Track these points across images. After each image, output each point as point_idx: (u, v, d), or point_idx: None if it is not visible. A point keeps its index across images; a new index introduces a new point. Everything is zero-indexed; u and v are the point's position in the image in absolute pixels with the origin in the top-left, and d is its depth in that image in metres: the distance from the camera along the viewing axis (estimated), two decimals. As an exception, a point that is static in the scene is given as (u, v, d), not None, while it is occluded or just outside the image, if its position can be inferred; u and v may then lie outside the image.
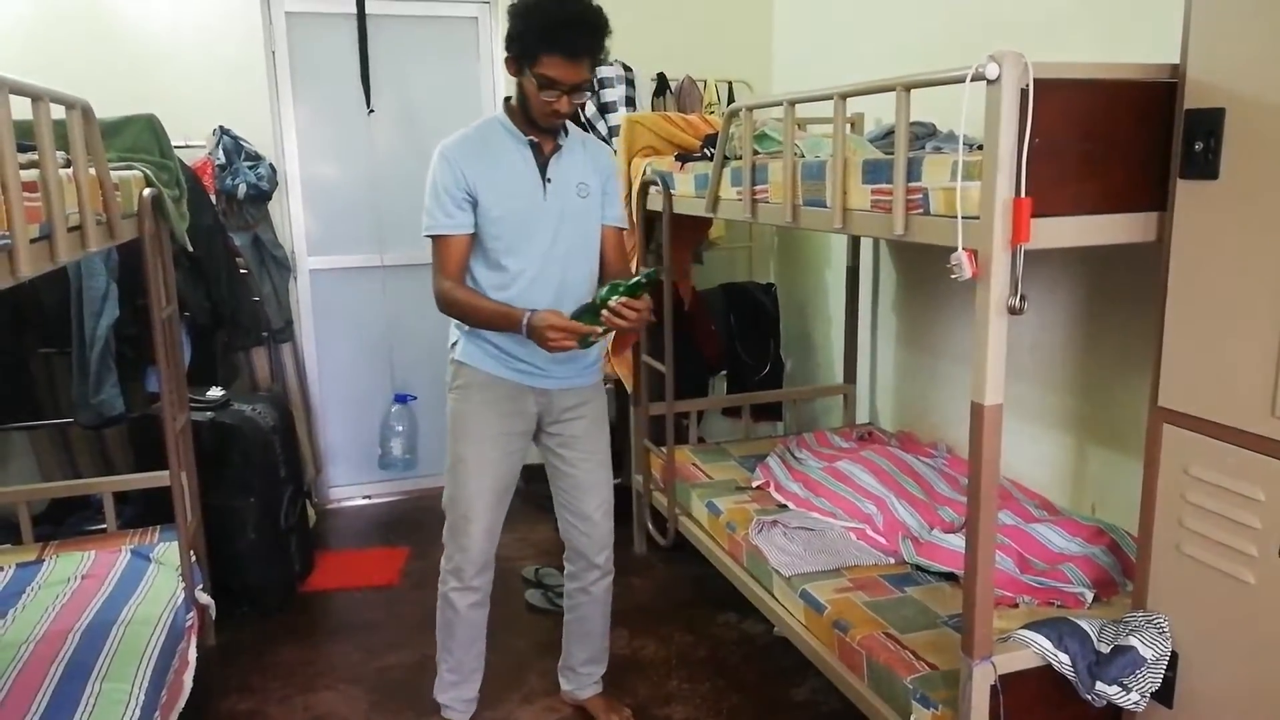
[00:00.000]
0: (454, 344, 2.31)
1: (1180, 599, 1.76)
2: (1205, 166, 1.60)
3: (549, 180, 2.18)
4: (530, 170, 2.17)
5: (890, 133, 2.56)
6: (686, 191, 2.95)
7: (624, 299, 1.98)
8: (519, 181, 2.16)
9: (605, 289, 2.02)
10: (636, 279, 2.02)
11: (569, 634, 2.53)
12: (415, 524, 3.88)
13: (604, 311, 1.99)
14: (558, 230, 2.19)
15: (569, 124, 2.23)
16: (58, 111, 1.75)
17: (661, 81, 3.94)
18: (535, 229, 2.17)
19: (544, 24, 2.00)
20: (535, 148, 2.18)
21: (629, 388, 3.46)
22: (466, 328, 2.25)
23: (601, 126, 3.67)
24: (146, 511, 3.06)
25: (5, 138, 1.41)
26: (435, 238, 2.16)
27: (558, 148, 2.20)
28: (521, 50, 2.04)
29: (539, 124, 2.14)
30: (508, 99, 2.21)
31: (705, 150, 2.98)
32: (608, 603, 2.50)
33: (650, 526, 3.46)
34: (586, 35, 2.02)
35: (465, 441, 2.27)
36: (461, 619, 2.35)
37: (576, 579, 2.45)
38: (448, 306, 2.17)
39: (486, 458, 2.27)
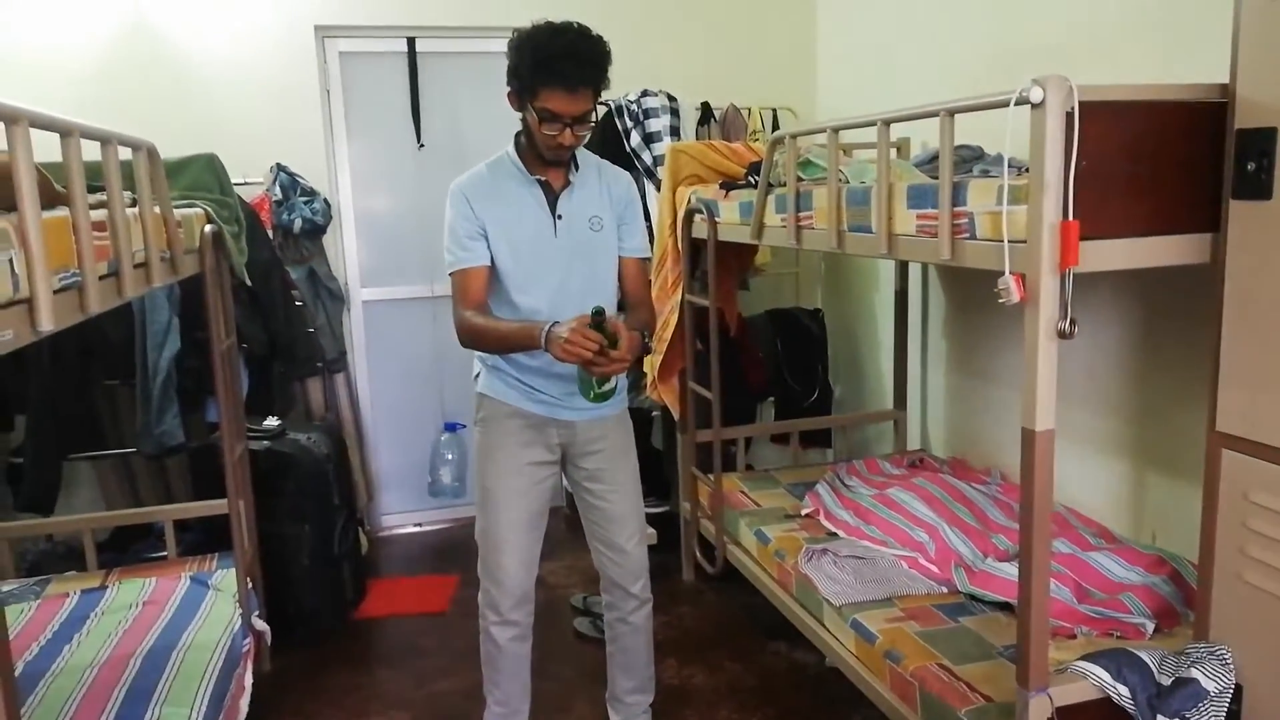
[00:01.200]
0: (476, 376, 2.33)
1: (1244, 629, 1.71)
2: (1258, 187, 1.57)
3: (560, 217, 2.18)
4: (541, 208, 2.18)
5: (936, 156, 2.55)
6: (732, 219, 2.96)
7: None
8: (529, 221, 2.17)
9: None
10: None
11: (613, 664, 2.52)
12: (465, 552, 3.88)
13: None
14: (569, 267, 2.19)
15: (583, 153, 2.23)
16: (124, 152, 1.82)
17: (706, 110, 3.98)
18: (546, 267, 2.17)
19: (540, 57, 1.98)
20: (545, 186, 2.18)
21: (676, 415, 3.47)
22: (489, 360, 2.26)
23: (646, 156, 3.71)
24: (205, 538, 3.13)
25: (77, 180, 1.47)
26: (455, 273, 2.16)
27: (568, 183, 2.19)
28: (521, 84, 2.04)
29: (545, 157, 2.13)
30: (518, 134, 2.19)
31: (750, 178, 3.00)
32: (649, 631, 2.48)
33: (698, 554, 3.45)
34: (584, 66, 2.00)
35: (492, 474, 2.27)
36: (503, 653, 2.34)
37: (615, 609, 2.44)
38: (468, 333, 2.14)
39: (514, 489, 2.27)
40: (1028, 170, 1.61)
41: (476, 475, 2.33)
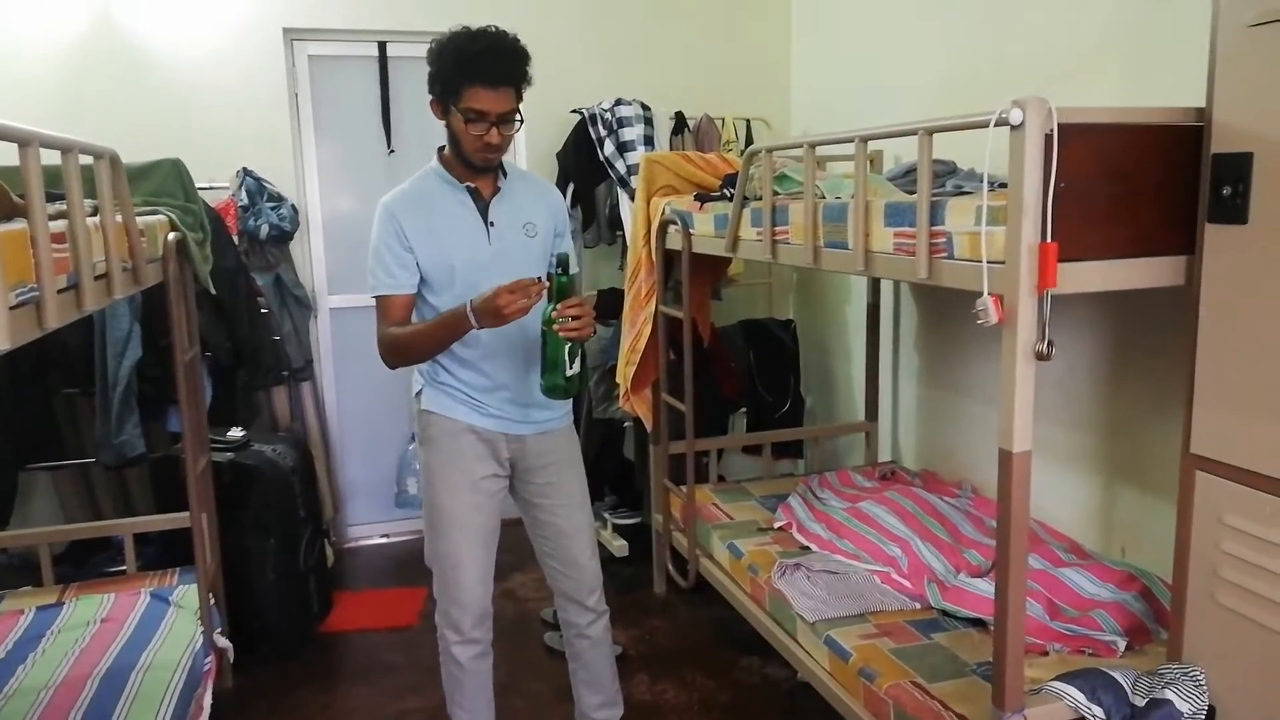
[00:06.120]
0: (418, 393, 2.27)
1: (1217, 651, 1.72)
2: (1234, 211, 1.58)
3: (491, 224, 2.17)
4: (471, 216, 2.16)
5: (910, 170, 2.55)
6: (706, 231, 2.95)
7: (562, 307, 1.97)
8: (460, 229, 2.15)
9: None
10: (556, 284, 2.01)
11: (577, 681, 2.48)
12: (434, 563, 3.86)
13: (555, 327, 1.99)
14: (505, 274, 2.11)
15: (507, 163, 2.23)
16: (85, 159, 1.76)
17: (679, 120, 3.96)
18: (482, 276, 2.12)
19: (461, 57, 2.01)
20: (474, 193, 2.17)
21: (648, 426, 3.44)
22: (437, 376, 2.22)
23: (620, 165, 3.68)
24: (166, 552, 3.06)
25: (36, 192, 1.42)
26: (379, 297, 2.17)
27: (497, 190, 2.19)
28: (444, 87, 2.06)
29: (473, 163, 2.12)
30: (441, 148, 2.21)
31: (724, 190, 2.98)
32: (609, 643, 2.46)
33: (670, 568, 3.42)
34: (504, 62, 2.03)
35: (444, 493, 2.23)
36: (466, 672, 2.31)
37: (572, 625, 2.42)
38: (392, 349, 2.16)
39: (468, 505, 2.23)
40: (1004, 186, 1.61)
41: (426, 495, 2.27)
